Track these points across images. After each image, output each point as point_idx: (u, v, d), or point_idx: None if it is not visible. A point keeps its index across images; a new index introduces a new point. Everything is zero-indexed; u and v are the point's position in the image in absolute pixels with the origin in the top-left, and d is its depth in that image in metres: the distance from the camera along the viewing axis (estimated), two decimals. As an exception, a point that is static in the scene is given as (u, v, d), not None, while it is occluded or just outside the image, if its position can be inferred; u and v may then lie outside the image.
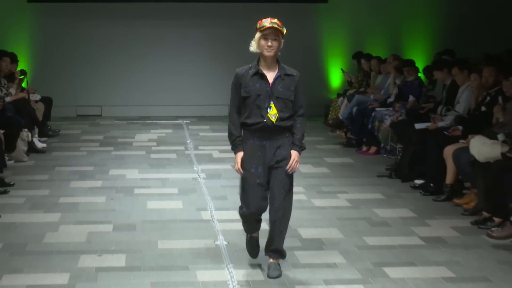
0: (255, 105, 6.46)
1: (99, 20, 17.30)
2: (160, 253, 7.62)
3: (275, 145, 6.52)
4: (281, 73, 6.51)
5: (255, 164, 6.53)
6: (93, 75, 17.50)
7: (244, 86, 6.50)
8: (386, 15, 17.63)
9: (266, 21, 6.40)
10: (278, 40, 6.40)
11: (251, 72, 6.53)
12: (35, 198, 9.87)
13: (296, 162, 6.53)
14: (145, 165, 12.20)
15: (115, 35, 17.41)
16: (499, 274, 7.03)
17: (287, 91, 6.48)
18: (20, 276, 6.91)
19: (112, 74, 17.52)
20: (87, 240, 8.07)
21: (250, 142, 6.56)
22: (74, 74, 17.39)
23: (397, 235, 8.29)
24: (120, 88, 17.62)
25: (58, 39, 17.24)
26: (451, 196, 9.69)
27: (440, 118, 10.97)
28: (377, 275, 6.96)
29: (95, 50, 17.45)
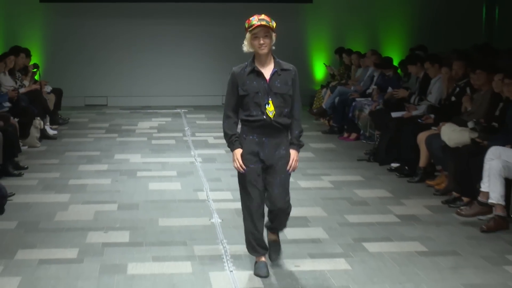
0: (254, 102, 5.87)
1: (105, 18, 17.27)
2: (161, 230, 7.62)
3: (274, 142, 5.95)
4: (277, 68, 5.93)
5: (254, 160, 5.95)
6: (99, 69, 17.48)
7: (242, 84, 5.91)
8: (365, 14, 17.64)
9: (253, 19, 5.80)
10: (269, 36, 5.81)
11: (248, 70, 5.93)
12: (47, 180, 9.86)
13: (296, 161, 6.01)
14: (146, 150, 12.18)
15: (120, 32, 17.39)
16: (467, 248, 7.05)
17: (285, 86, 5.91)
18: (33, 251, 6.91)
19: (117, 67, 17.51)
20: (94, 218, 8.07)
21: (249, 138, 5.97)
22: (82, 68, 17.37)
23: (375, 213, 8.29)
24: (124, 80, 17.61)
25: (67, 36, 17.22)
26: (424, 178, 9.71)
27: (414, 108, 10.99)
28: (357, 250, 6.96)
29: (101, 46, 17.43)
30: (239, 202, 8.41)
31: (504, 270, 6.44)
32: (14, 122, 11.04)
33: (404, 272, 6.39)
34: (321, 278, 6.16)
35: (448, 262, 6.63)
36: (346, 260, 6.66)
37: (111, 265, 6.50)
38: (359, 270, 6.42)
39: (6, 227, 7.68)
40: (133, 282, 6.10)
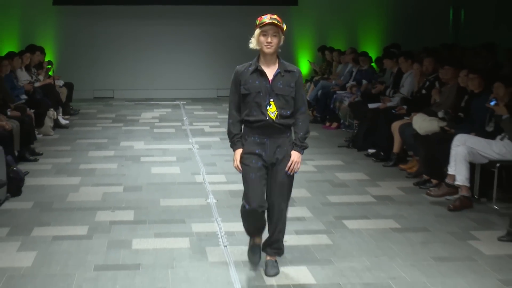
0: (255, 102, 5.26)
1: (112, 19, 17.21)
2: (162, 209, 7.61)
3: (276, 143, 5.33)
4: (281, 69, 5.30)
5: (255, 160, 5.33)
6: (106, 65, 17.43)
7: (244, 83, 5.30)
8: (345, 15, 17.62)
9: (265, 17, 5.24)
10: (278, 36, 5.22)
11: (251, 69, 5.32)
12: (60, 165, 9.84)
13: (297, 163, 5.37)
14: (149, 138, 12.16)
15: (125, 32, 17.35)
16: (435, 225, 7.08)
17: (287, 87, 5.27)
18: (47, 228, 6.91)
19: (122, 63, 17.47)
20: (102, 199, 8.05)
21: (250, 139, 5.35)
22: (91, 64, 17.31)
23: (354, 194, 8.30)
24: (129, 75, 17.58)
25: (78, 35, 17.16)
26: (398, 163, 9.73)
27: (388, 99, 11.02)
28: (337, 227, 6.98)
29: (108, 44, 17.38)
30: (233, 184, 8.50)
31: (469, 244, 6.46)
32: (30, 112, 11.05)
33: (380, 246, 6.40)
34: (305, 252, 6.17)
35: (419, 238, 6.65)
36: (328, 236, 6.67)
37: (118, 241, 6.50)
38: (340, 245, 6.44)
39: (23, 207, 7.67)
40: (137, 256, 6.09)
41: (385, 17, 17.60)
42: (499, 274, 5.70)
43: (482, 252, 6.26)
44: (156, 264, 5.89)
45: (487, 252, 6.24)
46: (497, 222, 7.16)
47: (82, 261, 5.95)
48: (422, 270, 5.79)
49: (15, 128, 9.73)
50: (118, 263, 5.93)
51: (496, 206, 7.69)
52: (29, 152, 10.25)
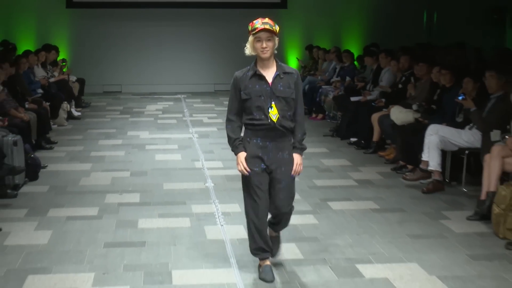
0: (257, 106, 4.73)
1: (119, 21, 17.14)
2: (165, 192, 7.61)
3: (278, 147, 4.81)
4: (279, 71, 4.79)
5: (258, 163, 4.80)
6: (114, 62, 17.36)
7: (244, 88, 4.77)
8: (330, 17, 17.56)
9: (257, 23, 4.74)
10: (272, 40, 4.73)
11: (250, 74, 4.79)
12: (73, 153, 9.82)
13: (300, 165, 4.89)
14: (153, 128, 12.12)
15: (131, 32, 17.27)
16: (410, 206, 7.09)
17: (288, 89, 4.77)
18: (62, 209, 6.90)
19: (129, 60, 17.40)
20: (111, 183, 8.04)
21: (253, 142, 4.82)
22: (101, 61, 17.24)
23: (337, 178, 8.30)
24: (135, 71, 17.50)
25: (88, 36, 17.08)
26: (377, 150, 9.72)
27: (368, 93, 11.01)
28: (323, 207, 6.98)
29: (116, 43, 17.31)
30: (229, 170, 8.49)
31: (440, 223, 6.48)
32: (46, 105, 11.02)
33: (361, 225, 6.41)
34: (294, 231, 6.16)
35: (395, 217, 6.67)
36: (314, 216, 6.67)
37: (125, 221, 6.49)
38: (325, 224, 6.44)
39: (40, 190, 7.66)
40: (142, 234, 6.09)
41: (366, 19, 17.61)
42: (467, 250, 5.72)
43: (453, 230, 6.28)
44: (159, 242, 5.88)
45: (457, 230, 6.26)
46: (466, 203, 7.17)
47: (93, 239, 5.95)
48: (399, 246, 5.80)
49: (32, 119, 9.72)
50: (125, 241, 5.92)
51: (465, 189, 7.71)
52: (45, 141, 10.24)
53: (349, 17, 17.67)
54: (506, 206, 5.98)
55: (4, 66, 9.97)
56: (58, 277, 5.07)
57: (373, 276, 5.12)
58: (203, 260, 5.45)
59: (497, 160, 6.59)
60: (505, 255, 5.61)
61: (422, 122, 8.49)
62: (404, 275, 5.13)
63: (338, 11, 17.61)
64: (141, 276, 5.11)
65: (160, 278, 5.08)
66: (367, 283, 4.99)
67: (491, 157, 6.65)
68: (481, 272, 5.22)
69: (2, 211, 6.82)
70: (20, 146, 7.84)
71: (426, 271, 5.22)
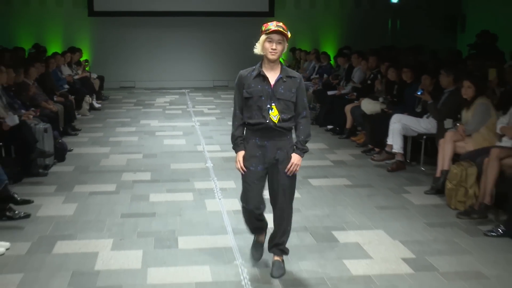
0: (257, 106, 4.17)
1: (133, 27, 17.00)
2: (172, 171, 7.58)
3: (276, 146, 4.21)
4: (283, 75, 4.20)
5: (255, 163, 4.23)
6: (129, 61, 17.23)
7: (247, 87, 4.20)
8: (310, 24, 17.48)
9: (271, 24, 4.20)
10: (283, 43, 4.18)
11: (254, 73, 4.22)
12: (94, 138, 9.76)
13: (296, 165, 4.24)
14: (162, 117, 12.06)
15: (143, 37, 17.15)
16: (378, 182, 7.09)
17: (289, 92, 4.17)
18: (85, 186, 6.88)
19: (141, 60, 17.27)
20: (127, 163, 8.00)
21: (251, 141, 4.24)
22: (118, 61, 17.12)
23: (316, 159, 8.29)
24: (146, 69, 17.38)
25: (107, 39, 16.96)
26: (349, 135, 9.68)
27: (342, 88, 10.97)
28: (304, 184, 6.97)
29: (130, 46, 17.18)
30: (226, 152, 8.49)
31: (402, 196, 6.49)
32: (71, 98, 10.96)
33: (336, 198, 6.41)
34: (280, 203, 6.16)
35: (365, 192, 6.67)
36: (297, 191, 6.58)
37: (138, 195, 6.47)
38: (306, 197, 6.44)
39: (66, 170, 7.63)
40: (153, 206, 6.08)
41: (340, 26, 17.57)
42: (425, 219, 5.74)
43: (413, 202, 6.29)
44: (167, 213, 5.87)
45: (416, 202, 6.28)
46: (423, 180, 7.18)
47: (112, 211, 5.93)
48: (368, 216, 5.81)
49: (60, 110, 9.67)
50: (138, 212, 5.90)
51: (423, 168, 7.72)
52: (71, 128, 10.18)
53: (326, 24, 17.61)
54: (457, 182, 5.99)
55: (36, 66, 9.93)
56: (82, 243, 5.06)
57: (346, 241, 5.13)
58: (204, 228, 5.44)
59: (449, 143, 6.61)
60: (456, 223, 5.63)
61: (387, 112, 8.48)
62: (372, 240, 5.14)
63: (317, 19, 17.55)
64: (152, 241, 5.09)
65: (168, 243, 5.06)
66: (341, 247, 4.99)
67: (445, 141, 6.66)
68: (436, 237, 5.24)
69: (35, 187, 6.80)
70: (49, 133, 7.81)
71: (391, 237, 5.23)
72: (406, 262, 4.65)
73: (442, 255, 4.80)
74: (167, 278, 4.36)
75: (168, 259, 4.72)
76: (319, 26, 17.61)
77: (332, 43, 17.39)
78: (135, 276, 4.39)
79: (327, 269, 4.53)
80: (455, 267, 4.57)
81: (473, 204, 5.81)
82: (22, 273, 4.44)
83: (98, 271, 4.48)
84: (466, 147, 6.53)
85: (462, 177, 5.95)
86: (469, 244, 5.05)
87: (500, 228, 5.24)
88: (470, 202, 5.88)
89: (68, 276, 4.38)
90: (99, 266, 4.57)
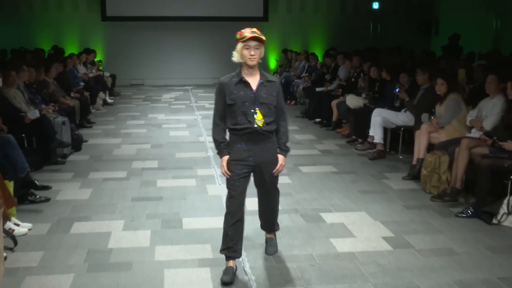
0: (241, 111, 3.81)
1: (142, 31, 16.90)
2: (177, 160, 7.55)
3: (262, 149, 3.89)
4: (263, 80, 3.89)
5: (240, 167, 3.88)
6: (138, 61, 17.16)
7: (229, 94, 3.82)
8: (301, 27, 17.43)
9: (246, 31, 3.83)
10: (260, 48, 3.83)
11: (235, 80, 3.85)
12: (107, 130, 9.72)
13: (282, 166, 4.01)
14: (168, 111, 12.02)
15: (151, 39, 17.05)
16: (361, 169, 7.08)
17: (270, 96, 3.87)
18: (99, 173, 6.84)
19: (149, 60, 17.20)
20: (136, 153, 7.97)
21: (237, 146, 3.89)
22: (128, 61, 17.04)
23: (306, 149, 8.27)
24: (154, 68, 17.31)
25: (119, 41, 16.87)
26: (335, 128, 9.68)
27: (329, 85, 10.95)
28: (295, 171, 6.95)
29: (139, 47, 17.09)
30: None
31: (383, 182, 6.48)
32: (86, 94, 10.89)
33: (324, 183, 6.40)
34: (273, 188, 6.16)
35: (349, 178, 6.65)
36: (289, 177, 6.65)
37: (147, 181, 6.44)
38: (297, 183, 6.42)
39: (82, 159, 7.59)
40: (160, 191, 6.05)
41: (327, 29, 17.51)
42: (402, 202, 5.73)
43: (392, 187, 6.28)
44: (173, 197, 5.85)
45: (395, 187, 6.27)
46: (401, 167, 7.17)
47: (123, 195, 5.91)
48: (352, 199, 5.80)
49: (76, 105, 9.62)
50: (147, 196, 5.88)
51: (401, 157, 7.71)
52: (86, 122, 10.14)
53: (315, 28, 17.55)
54: (431, 169, 5.98)
55: (55, 65, 9.87)
56: (96, 223, 5.04)
57: (333, 222, 5.11)
58: (205, 210, 5.42)
59: (424, 135, 6.60)
60: (430, 205, 5.62)
61: (369, 106, 8.46)
62: (355, 221, 5.13)
63: (306, 23, 17.49)
64: (159, 222, 5.07)
65: (173, 224, 5.05)
66: (328, 227, 4.98)
67: (421, 132, 6.65)
68: (412, 218, 5.24)
69: (54, 174, 6.76)
70: (67, 125, 7.78)
71: (372, 218, 5.22)
72: (386, 240, 4.65)
73: (418, 234, 4.80)
74: (172, 255, 4.34)
75: (173, 238, 4.70)
76: (308, 29, 17.55)
77: (320, 45, 17.34)
78: (144, 253, 4.37)
79: (316, 246, 4.52)
80: (430, 244, 4.57)
81: (446, 189, 5.82)
82: (43, 251, 4.43)
83: (111, 249, 4.46)
84: (439, 138, 6.52)
85: (436, 164, 5.95)
86: (442, 224, 5.05)
87: (469, 210, 5.25)
88: (443, 187, 5.88)
89: (84, 253, 4.37)
90: (111, 244, 4.55)
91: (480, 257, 4.33)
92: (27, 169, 5.60)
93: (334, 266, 4.15)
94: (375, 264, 4.17)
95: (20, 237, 4.63)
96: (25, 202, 5.53)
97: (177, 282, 3.90)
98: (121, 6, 16.59)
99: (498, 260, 4.28)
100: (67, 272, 4.03)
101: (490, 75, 6.12)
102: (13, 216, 4.93)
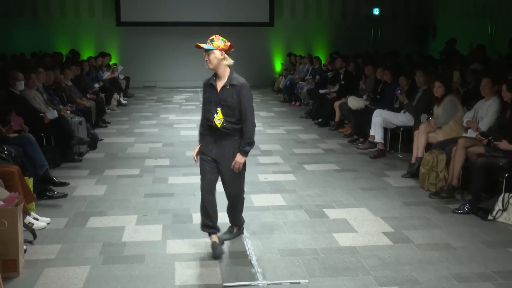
0: (208, 109, 4.09)
1: (154, 35, 16.88)
2: (187, 158, 7.53)
3: (222, 145, 4.09)
4: (227, 83, 4.02)
5: (206, 153, 4.17)
6: (151, 64, 17.12)
7: (204, 93, 4.16)
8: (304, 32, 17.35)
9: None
10: (211, 54, 4.04)
11: (209, 82, 4.13)
12: (121, 130, 9.72)
13: (238, 163, 4.06)
14: (179, 112, 12.02)
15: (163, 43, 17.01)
16: (362, 167, 7.04)
17: (231, 98, 3.99)
18: (113, 170, 6.84)
19: (161, 63, 17.18)
20: (149, 151, 7.97)
21: (207, 138, 4.17)
22: (141, 64, 17.00)
23: (310, 148, 8.24)
24: (166, 71, 17.28)
25: (132, 46, 16.85)
26: (338, 127, 9.64)
27: (331, 87, 10.91)
28: (299, 168, 6.93)
29: (152, 51, 17.08)
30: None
31: (383, 179, 6.44)
32: (102, 96, 10.92)
33: (326, 181, 6.37)
34: (279, 185, 6.14)
35: (351, 175, 6.62)
36: (293, 174, 6.63)
37: (159, 178, 6.44)
38: (301, 180, 6.40)
39: (98, 156, 7.60)
40: (171, 187, 6.05)
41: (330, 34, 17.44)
42: (402, 198, 5.70)
43: (391, 184, 6.25)
44: (183, 193, 5.84)
45: (394, 184, 6.23)
46: (401, 165, 7.13)
47: (136, 191, 5.91)
48: (353, 195, 5.77)
49: (92, 105, 9.62)
50: (159, 192, 5.87)
51: (400, 155, 7.67)
52: (102, 121, 10.13)
53: (318, 32, 17.48)
54: (429, 167, 5.95)
55: (72, 68, 9.90)
56: (111, 218, 5.04)
57: (335, 217, 5.09)
58: (214, 206, 5.40)
59: (423, 134, 6.57)
60: (428, 202, 5.59)
61: (370, 107, 8.43)
62: (357, 216, 5.11)
63: (310, 28, 17.42)
64: (170, 217, 5.07)
65: (184, 218, 5.04)
66: (331, 222, 4.96)
67: (419, 132, 6.62)
68: (411, 214, 5.21)
69: (71, 171, 6.77)
70: (83, 125, 7.79)
71: (373, 213, 5.19)
72: (386, 235, 4.62)
73: (417, 229, 4.77)
74: (183, 248, 4.34)
75: (184, 232, 4.69)
76: (311, 34, 17.49)
77: (323, 49, 17.28)
78: (156, 247, 4.37)
79: (319, 241, 4.50)
80: (428, 239, 4.54)
81: (443, 186, 5.78)
82: (60, 244, 4.43)
83: (124, 242, 4.46)
84: (437, 138, 6.49)
85: (434, 163, 5.91)
86: (439, 220, 5.02)
87: (465, 206, 5.22)
88: (441, 184, 5.84)
89: (100, 246, 4.37)
90: (125, 238, 4.55)
91: (476, 251, 4.30)
92: (45, 167, 5.61)
93: (337, 259, 4.13)
94: (375, 258, 4.15)
95: (39, 231, 4.64)
96: (44, 197, 5.54)
97: (187, 274, 3.89)
98: (134, 12, 16.61)
99: (493, 254, 4.24)
100: (83, 264, 4.03)
101: (484, 78, 6.10)
102: (32, 211, 4.95)
